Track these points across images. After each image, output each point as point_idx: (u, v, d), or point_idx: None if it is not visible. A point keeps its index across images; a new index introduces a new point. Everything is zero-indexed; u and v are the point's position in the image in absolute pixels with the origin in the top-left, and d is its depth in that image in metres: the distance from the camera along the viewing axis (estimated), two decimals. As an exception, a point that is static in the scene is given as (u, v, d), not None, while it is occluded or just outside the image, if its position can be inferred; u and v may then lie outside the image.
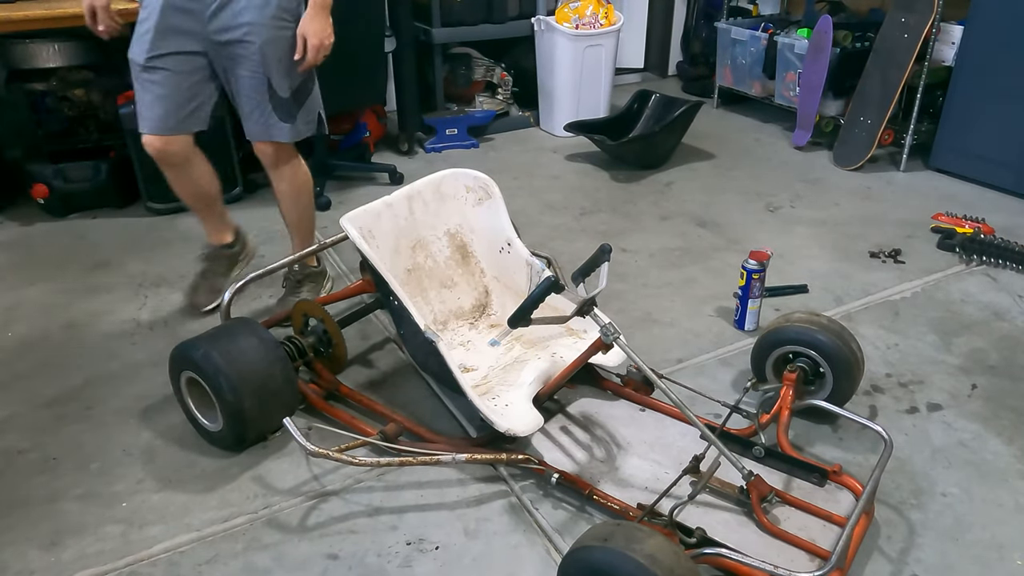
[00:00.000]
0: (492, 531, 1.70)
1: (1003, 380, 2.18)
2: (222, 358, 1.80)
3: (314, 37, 2.06)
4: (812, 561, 1.54)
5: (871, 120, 3.60)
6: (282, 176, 2.32)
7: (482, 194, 2.19)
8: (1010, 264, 2.75)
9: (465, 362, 2.06)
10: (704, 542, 1.54)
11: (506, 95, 4.27)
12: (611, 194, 3.46)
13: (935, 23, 3.35)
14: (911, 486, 1.81)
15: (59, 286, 2.72)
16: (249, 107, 2.17)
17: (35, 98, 3.22)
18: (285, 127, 2.20)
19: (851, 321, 2.45)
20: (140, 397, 2.14)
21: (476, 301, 2.23)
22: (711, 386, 2.14)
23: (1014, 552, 1.64)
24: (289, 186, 2.35)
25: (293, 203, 2.40)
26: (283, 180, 2.34)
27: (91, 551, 1.66)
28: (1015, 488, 1.81)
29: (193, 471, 1.88)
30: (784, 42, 3.95)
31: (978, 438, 1.96)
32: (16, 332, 2.45)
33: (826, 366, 1.91)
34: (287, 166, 2.31)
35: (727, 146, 3.99)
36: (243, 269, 2.57)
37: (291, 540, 1.69)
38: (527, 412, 1.82)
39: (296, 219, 2.44)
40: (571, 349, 2.00)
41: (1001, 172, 3.36)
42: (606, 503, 1.69)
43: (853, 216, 3.21)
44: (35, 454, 1.94)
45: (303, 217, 2.45)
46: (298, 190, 2.38)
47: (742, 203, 3.34)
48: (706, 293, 2.63)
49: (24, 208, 3.28)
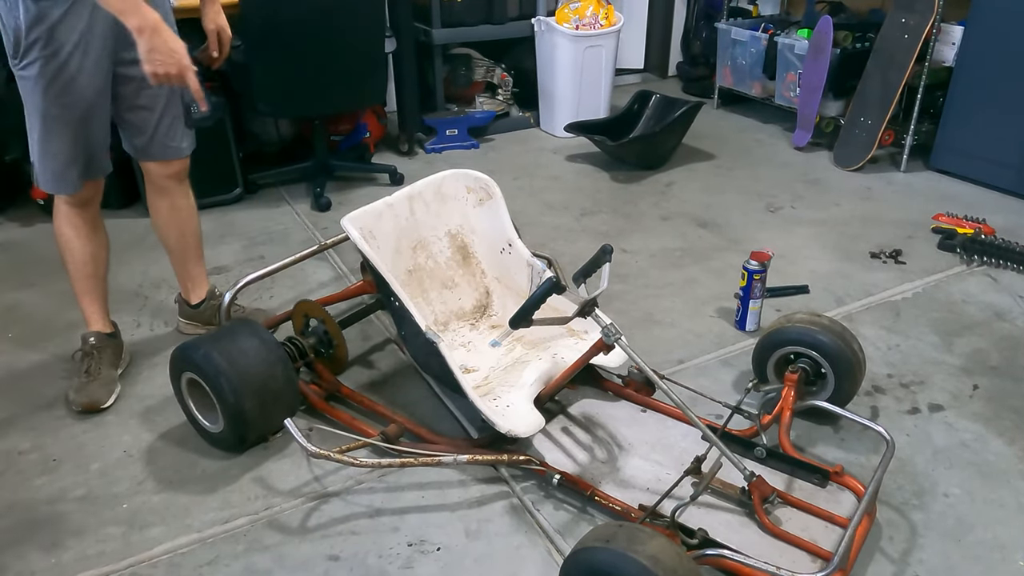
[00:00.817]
0: (493, 532, 1.70)
1: (1004, 380, 2.18)
2: (223, 359, 1.80)
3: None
4: (814, 562, 1.54)
5: (871, 120, 3.60)
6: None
7: (483, 195, 2.18)
8: (1011, 264, 2.75)
9: (466, 363, 2.06)
10: (706, 543, 1.54)
11: (506, 96, 4.27)
12: (612, 195, 3.45)
13: (935, 24, 3.35)
14: (913, 487, 1.80)
15: (59, 287, 2.70)
16: None
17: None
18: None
19: (852, 322, 2.44)
20: (141, 398, 2.13)
21: (477, 302, 2.23)
22: (712, 387, 2.14)
23: (1016, 553, 1.64)
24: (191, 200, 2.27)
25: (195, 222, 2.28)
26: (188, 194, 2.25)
27: (92, 552, 1.66)
28: (1017, 489, 1.80)
29: (194, 472, 1.88)
30: (784, 43, 3.95)
31: (980, 439, 1.96)
32: (16, 333, 2.45)
33: (827, 367, 1.91)
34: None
35: (727, 147, 3.99)
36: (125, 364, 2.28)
37: (292, 541, 1.68)
38: (528, 413, 1.81)
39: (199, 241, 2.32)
40: (572, 350, 2.00)
41: (1002, 172, 3.36)
42: (608, 504, 1.69)
43: (854, 216, 3.21)
44: (35, 455, 1.94)
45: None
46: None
47: (743, 204, 3.34)
48: (707, 294, 2.63)
49: (24, 209, 3.28)
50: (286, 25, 3.00)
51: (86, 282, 2.14)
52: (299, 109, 3.39)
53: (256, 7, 2.93)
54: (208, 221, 3.18)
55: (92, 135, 1.96)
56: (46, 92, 1.85)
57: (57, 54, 1.81)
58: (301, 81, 3.15)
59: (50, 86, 1.84)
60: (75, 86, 1.86)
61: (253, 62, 3.02)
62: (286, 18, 2.99)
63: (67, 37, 1.81)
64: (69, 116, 1.89)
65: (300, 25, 3.00)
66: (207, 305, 2.37)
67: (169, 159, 2.13)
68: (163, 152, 2.11)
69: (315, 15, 3.01)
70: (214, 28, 2.12)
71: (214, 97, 1.89)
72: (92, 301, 2.17)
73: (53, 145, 1.92)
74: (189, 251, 2.31)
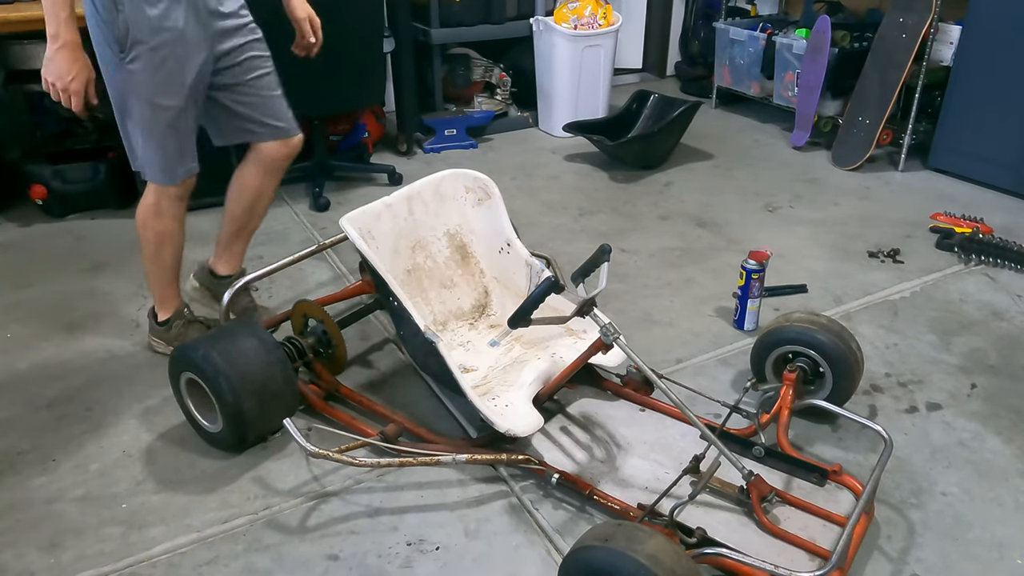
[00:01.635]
0: (493, 532, 1.70)
1: (1002, 379, 2.18)
2: (222, 359, 1.80)
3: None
4: (812, 561, 1.54)
5: (869, 120, 3.61)
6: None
7: (482, 195, 2.19)
8: (1008, 264, 2.76)
9: (465, 362, 2.06)
10: (705, 542, 1.54)
11: (505, 95, 4.27)
12: (610, 194, 3.46)
13: (933, 23, 3.36)
14: (911, 485, 1.81)
15: (58, 287, 2.71)
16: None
17: (33, 99, 3.22)
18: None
19: (850, 321, 2.45)
20: (140, 398, 2.13)
21: (476, 302, 2.23)
22: (711, 386, 2.14)
23: (1014, 551, 1.64)
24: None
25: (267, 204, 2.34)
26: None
27: (91, 552, 1.66)
28: (1015, 487, 1.81)
29: (193, 472, 1.88)
30: (782, 42, 3.95)
31: (978, 437, 1.96)
32: (15, 333, 2.45)
33: (826, 366, 1.91)
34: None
35: (726, 146, 3.99)
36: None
37: (291, 541, 1.68)
38: (527, 413, 1.82)
39: (256, 226, 2.39)
40: (571, 349, 2.00)
41: (999, 172, 3.37)
42: (607, 503, 1.69)
43: (852, 216, 3.21)
44: (35, 455, 1.94)
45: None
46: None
47: (741, 203, 3.35)
48: (705, 293, 2.63)
49: (22, 209, 3.28)
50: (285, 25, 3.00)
51: (174, 271, 2.23)
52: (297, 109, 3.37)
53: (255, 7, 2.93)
54: (207, 221, 3.18)
55: (190, 127, 2.04)
56: (152, 81, 1.92)
57: (161, 46, 1.89)
58: (300, 81, 3.13)
59: (156, 75, 1.91)
60: (178, 77, 1.94)
61: (252, 62, 3.02)
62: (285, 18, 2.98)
63: (170, 28, 1.89)
64: (174, 105, 1.97)
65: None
66: (221, 282, 2.37)
67: (291, 136, 2.22)
68: (286, 130, 2.20)
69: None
70: (304, 16, 2.24)
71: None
72: (173, 284, 2.26)
73: (159, 136, 1.99)
74: (248, 227, 2.36)
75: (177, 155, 2.03)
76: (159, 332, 2.28)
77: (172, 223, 2.14)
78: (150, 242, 2.16)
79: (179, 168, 2.05)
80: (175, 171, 2.05)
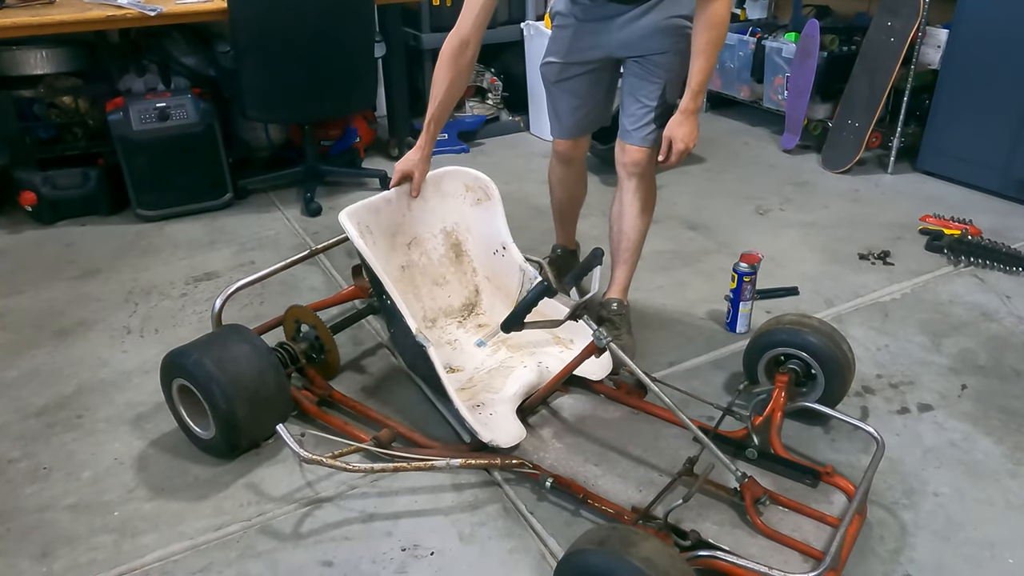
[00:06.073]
0: (487, 536, 1.70)
1: (992, 380, 2.20)
2: (214, 365, 1.79)
3: (680, 142, 2.05)
4: (806, 562, 1.54)
5: (859, 123, 3.63)
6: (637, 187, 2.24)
7: (481, 195, 2.20)
8: (997, 265, 2.78)
9: (451, 362, 2.06)
10: (699, 544, 1.55)
11: (496, 100, 4.27)
12: (601, 198, 3.45)
13: (921, 27, 3.38)
14: (903, 486, 1.82)
15: (48, 294, 2.70)
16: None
17: (23, 105, 3.20)
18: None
19: (841, 323, 2.46)
20: (131, 405, 2.12)
21: (466, 300, 2.23)
22: (703, 389, 2.15)
23: (1005, 551, 1.65)
24: (636, 198, 2.25)
25: (633, 219, 2.26)
26: (636, 192, 2.25)
27: (83, 561, 1.65)
28: (1005, 487, 1.82)
29: (186, 479, 1.87)
30: (772, 46, 3.97)
31: (968, 438, 1.98)
32: (5, 340, 2.44)
33: (817, 368, 1.92)
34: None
35: (716, 150, 4.01)
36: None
37: (285, 547, 1.68)
38: (511, 424, 1.83)
39: (629, 243, 2.28)
40: (557, 359, 2.02)
41: (987, 174, 3.39)
42: (601, 507, 1.69)
43: (842, 218, 3.23)
44: (25, 463, 1.93)
45: (636, 241, 2.29)
46: (642, 207, 2.26)
47: (732, 206, 3.36)
48: (697, 296, 2.64)
49: (12, 215, 3.26)
50: (275, 31, 3.00)
51: (555, 214, 2.65)
52: (289, 114, 3.38)
53: (245, 13, 2.93)
54: (198, 227, 3.18)
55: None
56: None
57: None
58: (291, 87, 3.14)
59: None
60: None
61: (242, 68, 3.02)
62: (275, 24, 2.99)
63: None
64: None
65: (289, 31, 3.00)
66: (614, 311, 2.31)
67: (627, 144, 2.23)
68: (624, 135, 2.23)
69: (304, 21, 3.00)
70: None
71: (202, 103, 1.89)
72: (561, 227, 2.67)
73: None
74: (617, 251, 2.32)
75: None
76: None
77: (551, 176, 2.57)
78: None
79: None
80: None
